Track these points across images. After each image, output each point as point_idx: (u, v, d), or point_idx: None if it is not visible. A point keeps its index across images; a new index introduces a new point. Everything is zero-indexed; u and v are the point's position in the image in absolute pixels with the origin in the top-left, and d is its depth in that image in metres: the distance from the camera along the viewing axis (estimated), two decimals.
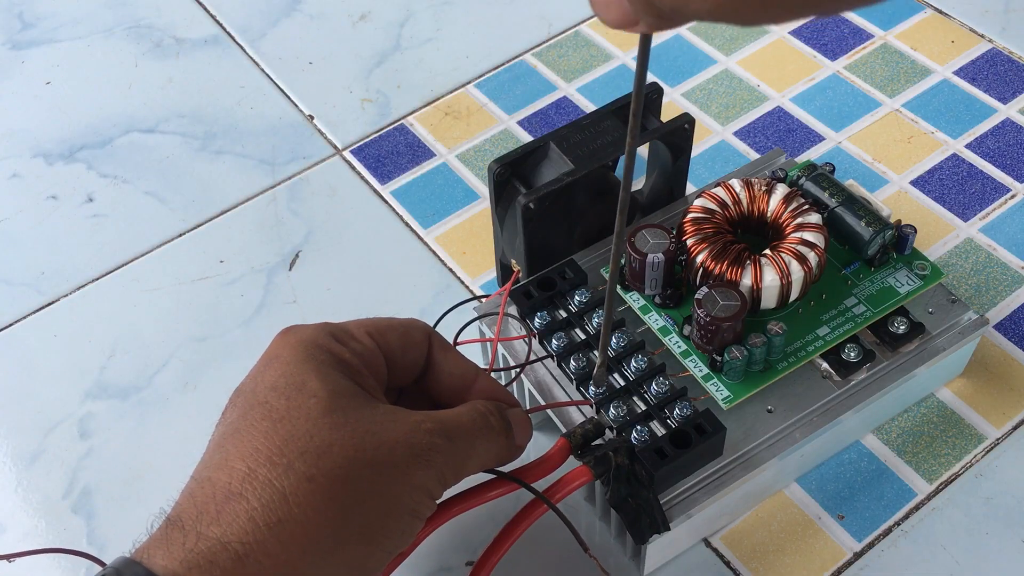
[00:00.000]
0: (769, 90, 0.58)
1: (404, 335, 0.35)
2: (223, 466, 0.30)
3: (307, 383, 0.31)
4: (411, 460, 0.31)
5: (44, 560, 0.42)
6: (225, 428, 0.32)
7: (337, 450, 0.30)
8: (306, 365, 0.32)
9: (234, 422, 0.31)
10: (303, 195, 0.55)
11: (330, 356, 0.33)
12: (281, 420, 0.31)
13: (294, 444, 0.30)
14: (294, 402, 0.31)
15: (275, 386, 0.32)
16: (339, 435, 0.30)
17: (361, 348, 0.34)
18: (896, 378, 0.40)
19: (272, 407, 0.31)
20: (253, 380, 0.33)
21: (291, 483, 0.29)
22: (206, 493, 0.30)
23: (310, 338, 0.33)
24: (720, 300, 0.38)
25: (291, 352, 0.33)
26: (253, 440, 0.30)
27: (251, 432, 0.31)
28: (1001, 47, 0.59)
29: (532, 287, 0.42)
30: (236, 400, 0.33)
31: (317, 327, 0.34)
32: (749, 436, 0.39)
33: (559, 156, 0.43)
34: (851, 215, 0.42)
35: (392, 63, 0.62)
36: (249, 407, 0.31)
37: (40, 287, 0.52)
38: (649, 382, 0.39)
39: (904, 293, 0.42)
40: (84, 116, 0.60)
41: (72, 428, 0.47)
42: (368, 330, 0.35)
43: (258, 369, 0.33)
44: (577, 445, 0.37)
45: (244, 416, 0.31)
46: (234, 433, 0.31)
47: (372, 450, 0.31)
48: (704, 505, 0.38)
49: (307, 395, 0.31)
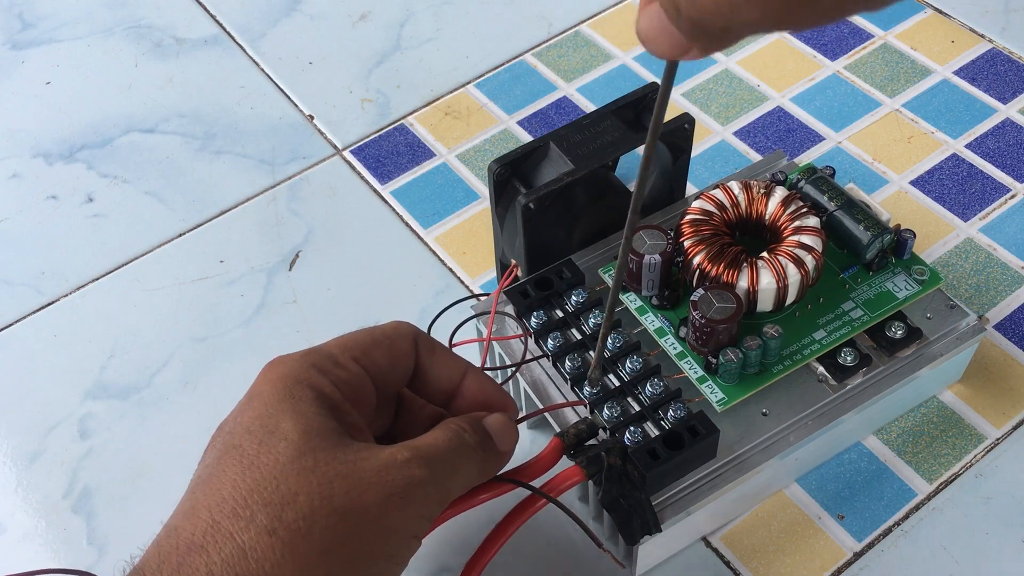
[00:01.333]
0: (769, 90, 0.58)
1: (390, 349, 0.35)
2: (190, 515, 0.30)
3: (280, 425, 0.31)
4: (384, 502, 0.30)
5: (45, 558, 0.42)
6: (201, 471, 0.32)
7: (303, 499, 0.29)
8: (282, 405, 0.31)
9: (209, 466, 0.31)
10: (303, 195, 0.55)
11: (310, 391, 0.32)
12: (251, 467, 0.30)
13: (259, 494, 0.29)
14: (265, 446, 0.30)
15: (250, 428, 0.31)
16: (306, 482, 0.30)
17: (346, 376, 0.33)
18: (893, 383, 0.40)
19: (244, 452, 0.31)
20: (234, 420, 0.32)
21: (251, 537, 0.29)
22: (171, 543, 0.29)
23: (291, 373, 0.32)
24: (716, 302, 0.38)
25: (271, 389, 0.32)
26: (221, 488, 0.30)
27: (221, 479, 0.30)
28: (1001, 47, 0.59)
29: (529, 286, 0.42)
30: (216, 440, 0.32)
31: (300, 358, 0.33)
32: (744, 439, 0.39)
33: (559, 156, 0.43)
34: (850, 219, 0.42)
35: (392, 63, 0.62)
36: (224, 451, 0.31)
37: (40, 287, 0.52)
38: (644, 383, 0.39)
39: (902, 298, 0.41)
40: (84, 116, 0.60)
41: (72, 428, 0.47)
42: (353, 354, 0.34)
43: (240, 407, 0.33)
44: (570, 445, 0.37)
45: (218, 461, 0.31)
46: (207, 480, 0.31)
47: (341, 495, 0.30)
48: (697, 507, 0.38)
49: (278, 438, 0.31)
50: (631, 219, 0.30)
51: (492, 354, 0.44)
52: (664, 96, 0.26)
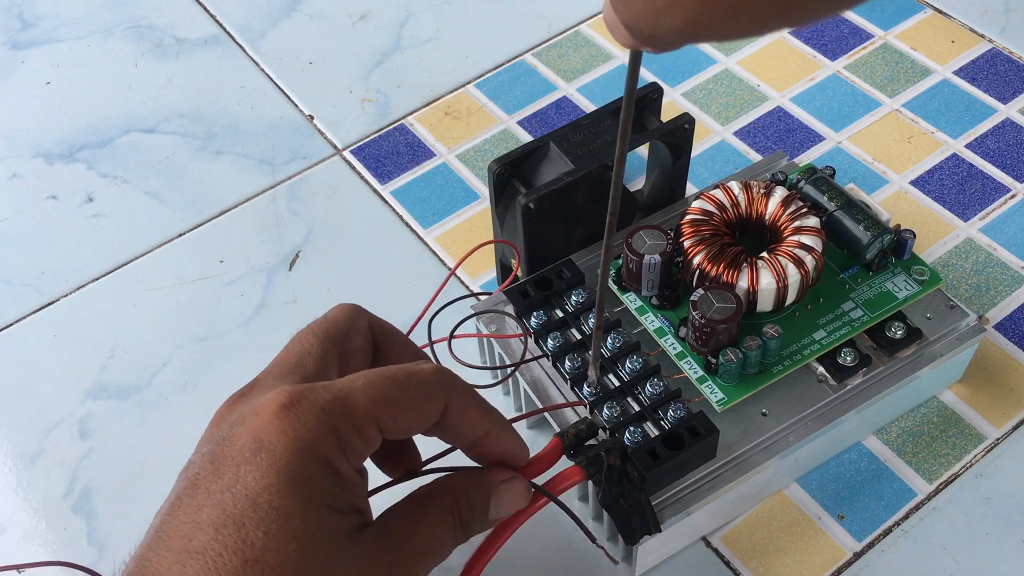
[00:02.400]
0: (769, 90, 0.58)
1: (419, 413, 0.31)
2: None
3: (290, 518, 0.28)
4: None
5: (44, 558, 0.42)
6: (192, 529, 0.28)
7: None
8: (294, 487, 0.28)
9: (202, 529, 0.28)
10: (303, 195, 0.55)
11: (324, 471, 0.29)
12: (253, 563, 0.28)
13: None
14: (272, 541, 0.28)
15: (256, 504, 0.28)
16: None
17: (362, 446, 0.30)
18: (893, 383, 0.40)
19: (247, 538, 0.28)
20: (235, 467, 0.29)
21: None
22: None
23: (310, 442, 0.29)
24: (716, 302, 0.38)
25: (285, 453, 0.29)
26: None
27: (218, 566, 0.28)
28: (1001, 47, 0.59)
29: (529, 286, 0.42)
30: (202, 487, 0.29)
31: (323, 416, 0.29)
32: (743, 439, 0.39)
33: (559, 156, 0.43)
34: (850, 219, 0.42)
35: (392, 63, 0.62)
36: (224, 520, 0.28)
37: (40, 287, 0.52)
38: (643, 383, 0.39)
39: (902, 298, 0.41)
40: (84, 116, 0.60)
41: (72, 428, 0.47)
42: (380, 415, 0.30)
43: (242, 450, 0.29)
44: (570, 445, 0.37)
45: (216, 531, 0.28)
46: (201, 552, 0.28)
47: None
48: (697, 507, 0.38)
49: (288, 536, 0.28)
50: (610, 221, 0.30)
51: (492, 354, 0.44)
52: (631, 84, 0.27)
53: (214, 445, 0.30)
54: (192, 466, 0.30)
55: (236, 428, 0.30)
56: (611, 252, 0.33)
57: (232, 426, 0.30)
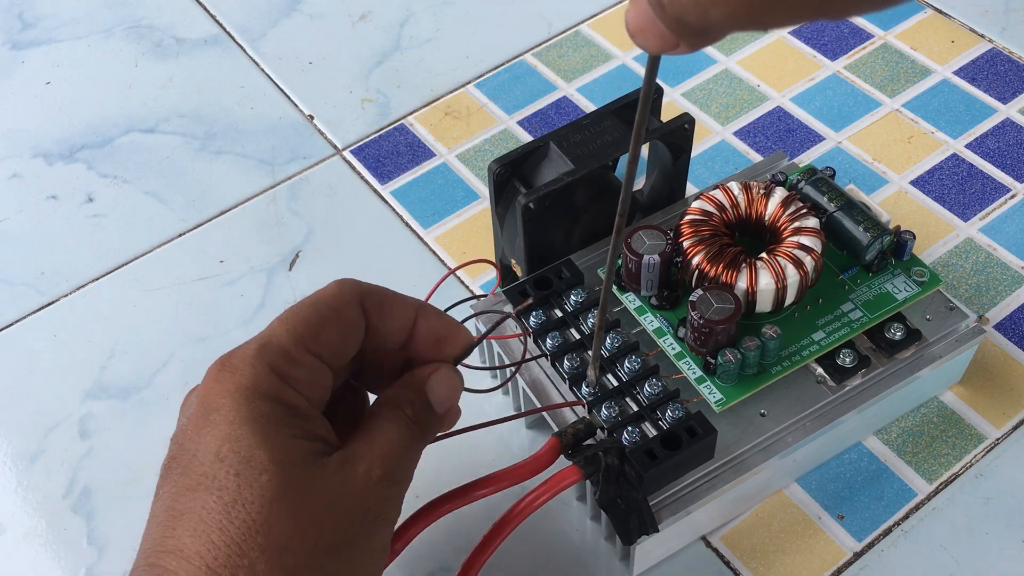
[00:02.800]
0: (769, 90, 0.58)
1: (339, 323, 0.33)
2: (180, 559, 0.29)
3: (255, 454, 0.29)
4: (369, 527, 0.31)
5: (45, 558, 0.43)
6: (172, 502, 0.30)
7: (298, 542, 0.29)
8: (250, 427, 0.30)
9: (180, 496, 0.30)
10: (303, 195, 0.55)
11: (274, 407, 0.30)
12: (234, 505, 0.29)
13: (252, 539, 0.28)
14: (244, 479, 0.29)
15: (220, 455, 0.29)
16: (298, 523, 0.29)
17: (305, 375, 0.32)
18: (891, 384, 0.40)
19: (221, 485, 0.29)
20: (193, 441, 0.30)
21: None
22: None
23: (250, 384, 0.30)
24: (714, 303, 0.38)
25: (231, 405, 0.30)
26: (207, 530, 0.29)
27: (203, 518, 0.29)
28: (1001, 47, 0.59)
29: (528, 286, 0.42)
30: (177, 461, 0.31)
31: (254, 360, 0.31)
32: (741, 439, 0.39)
33: (559, 156, 0.43)
34: (850, 220, 0.42)
35: (392, 63, 0.62)
36: (196, 482, 0.29)
37: (40, 287, 0.52)
38: (642, 383, 0.39)
39: (901, 299, 0.41)
40: (84, 116, 0.60)
41: (72, 428, 0.47)
42: (305, 342, 0.32)
43: (195, 421, 0.31)
44: (568, 444, 0.37)
45: (193, 493, 0.29)
46: (184, 514, 0.29)
47: (330, 531, 0.30)
48: (694, 507, 0.38)
49: (257, 470, 0.29)
50: (618, 223, 0.30)
51: (491, 353, 0.44)
52: (647, 92, 0.27)
53: (176, 431, 0.32)
54: (168, 450, 0.32)
55: (188, 410, 0.32)
56: (617, 253, 0.33)
57: (185, 410, 0.32)
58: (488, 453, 0.44)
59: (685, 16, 0.21)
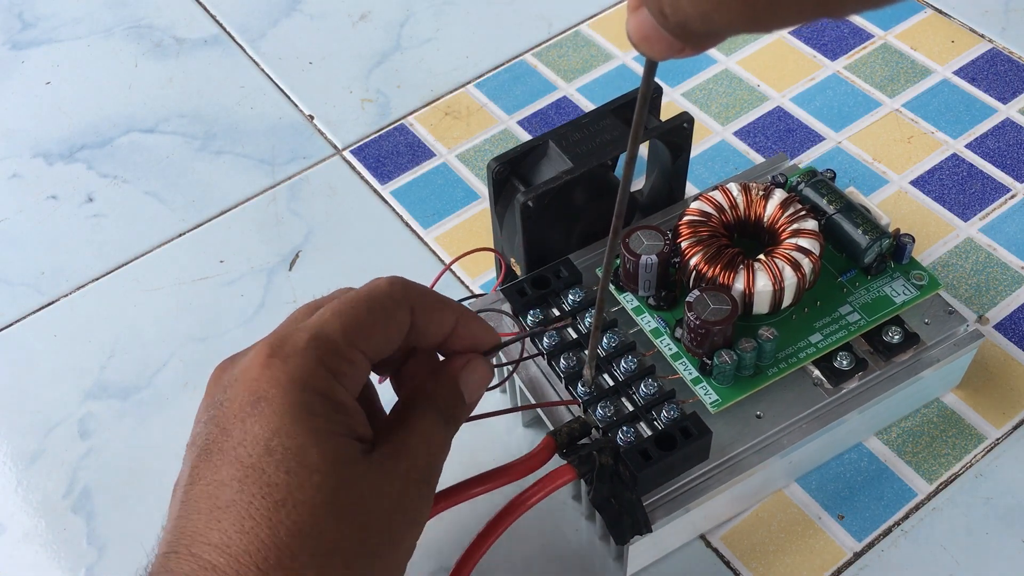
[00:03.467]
0: (769, 90, 0.58)
1: (388, 322, 0.33)
2: (227, 555, 0.28)
3: (307, 452, 0.29)
4: (407, 529, 0.31)
5: (45, 558, 0.42)
6: (216, 491, 0.29)
7: (345, 546, 0.29)
8: (302, 425, 0.29)
9: (224, 486, 0.29)
10: (303, 195, 0.55)
11: (325, 404, 0.30)
12: (284, 503, 0.29)
13: (303, 542, 0.28)
14: (295, 478, 0.29)
15: (270, 447, 0.29)
16: (346, 527, 0.29)
17: (352, 371, 0.32)
18: (889, 387, 0.40)
19: (271, 480, 0.29)
20: (239, 427, 0.30)
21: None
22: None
23: (302, 377, 0.30)
24: (711, 304, 0.38)
25: (283, 398, 0.30)
26: (256, 528, 0.28)
27: (251, 514, 0.28)
28: (1001, 47, 0.59)
29: (526, 285, 0.42)
30: (218, 449, 0.30)
31: (306, 353, 0.30)
32: (737, 441, 0.39)
33: (558, 155, 0.43)
34: (849, 222, 0.42)
35: (392, 63, 0.62)
36: (243, 474, 0.29)
37: (40, 287, 0.52)
38: (638, 383, 0.39)
39: (900, 303, 0.41)
40: (84, 116, 0.60)
41: (72, 428, 0.47)
42: (355, 339, 0.32)
43: (241, 408, 0.30)
44: (562, 443, 0.37)
45: (240, 484, 0.29)
46: (230, 506, 0.29)
47: (375, 535, 0.30)
48: (688, 508, 0.38)
49: (309, 470, 0.29)
50: (615, 224, 0.30)
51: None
52: (645, 93, 0.27)
53: (214, 411, 0.31)
54: (198, 437, 0.31)
55: (230, 390, 0.31)
56: (614, 254, 0.33)
57: (225, 389, 0.31)
58: (484, 451, 0.44)
59: (688, 23, 0.21)
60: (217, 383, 0.32)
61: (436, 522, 0.36)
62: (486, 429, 0.39)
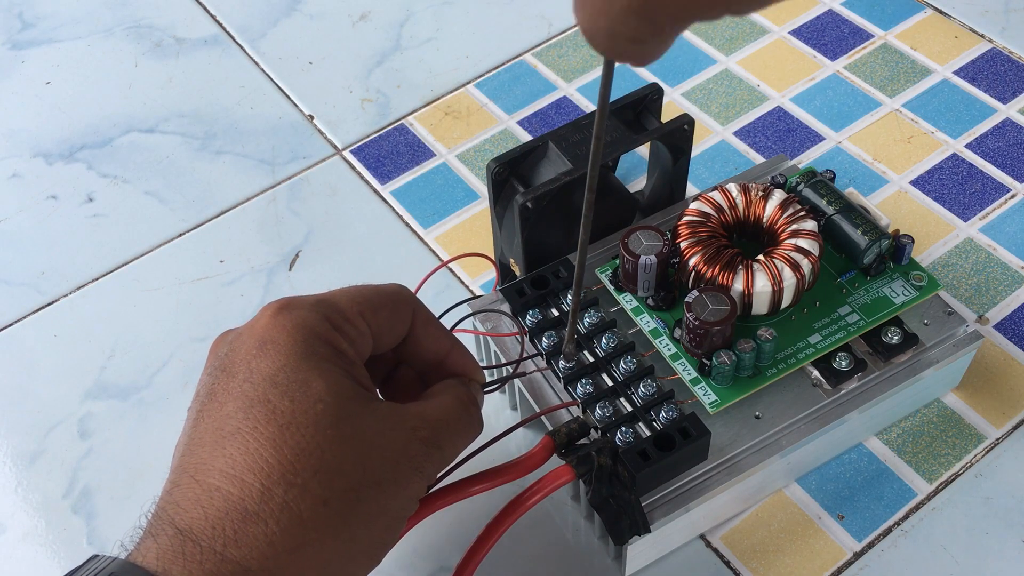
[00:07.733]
0: (769, 90, 0.58)
1: (393, 312, 0.34)
2: (231, 476, 0.29)
3: (311, 383, 0.30)
4: (410, 474, 0.32)
5: (45, 558, 0.43)
6: (221, 423, 0.30)
7: (348, 468, 0.30)
8: (307, 361, 0.31)
9: (230, 418, 0.30)
10: (303, 195, 0.55)
11: (329, 349, 0.31)
12: (288, 427, 0.29)
13: (306, 460, 0.29)
14: (300, 405, 0.30)
15: (275, 380, 0.30)
16: (349, 451, 0.30)
17: (355, 334, 0.33)
18: (888, 388, 0.40)
19: (275, 408, 0.30)
20: (245, 367, 0.31)
21: (308, 507, 0.29)
22: (218, 507, 0.29)
23: (308, 325, 0.31)
24: (710, 304, 0.38)
25: (289, 340, 0.31)
26: (261, 449, 0.29)
27: (256, 437, 0.29)
28: (1001, 47, 0.59)
29: (525, 285, 0.42)
30: (222, 389, 0.31)
31: (312, 308, 0.32)
32: (736, 441, 0.39)
33: (558, 155, 0.43)
34: (848, 223, 0.42)
35: (392, 63, 0.62)
36: (248, 404, 0.30)
37: (40, 287, 0.52)
38: (637, 383, 0.39)
39: (899, 303, 0.41)
40: (84, 116, 0.60)
41: (72, 428, 0.47)
42: (361, 310, 0.33)
43: (248, 350, 0.31)
44: (561, 444, 0.37)
45: (245, 413, 0.30)
46: (235, 433, 0.29)
47: (378, 468, 0.30)
48: (687, 509, 0.38)
49: (312, 399, 0.30)
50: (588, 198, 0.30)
51: (488, 352, 0.44)
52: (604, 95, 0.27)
53: (220, 360, 0.32)
54: (203, 385, 0.32)
55: (236, 341, 0.32)
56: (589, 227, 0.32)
57: (231, 342, 0.32)
58: (483, 451, 0.43)
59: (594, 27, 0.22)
60: (220, 344, 0.34)
61: (436, 522, 0.36)
62: (486, 429, 0.39)
